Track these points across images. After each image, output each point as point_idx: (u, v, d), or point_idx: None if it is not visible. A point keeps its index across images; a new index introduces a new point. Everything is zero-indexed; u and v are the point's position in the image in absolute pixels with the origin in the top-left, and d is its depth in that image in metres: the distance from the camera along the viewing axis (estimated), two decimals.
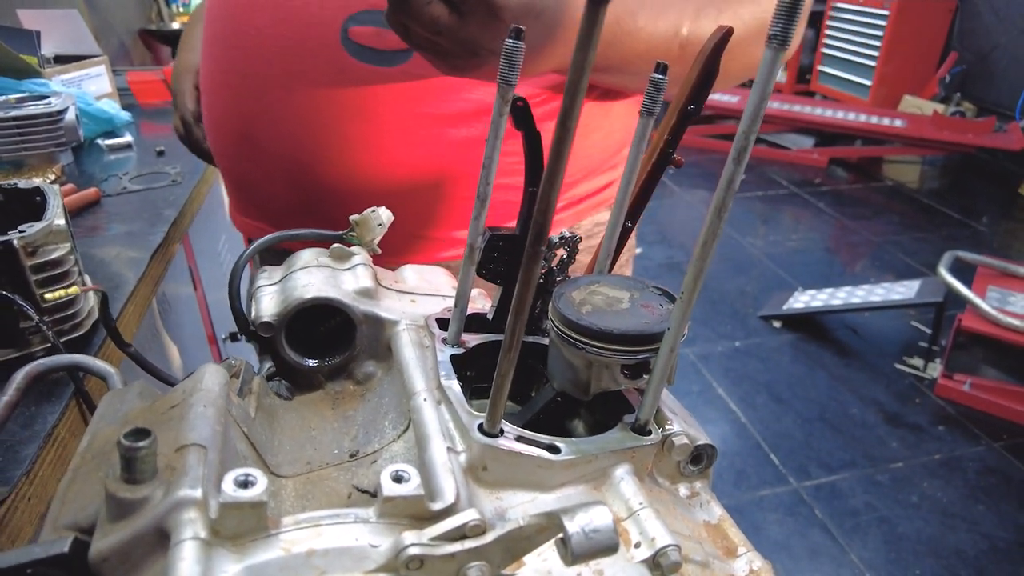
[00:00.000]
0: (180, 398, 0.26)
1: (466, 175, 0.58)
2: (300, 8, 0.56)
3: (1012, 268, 2.20)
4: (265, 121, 0.61)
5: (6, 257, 0.53)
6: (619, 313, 0.29)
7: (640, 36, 0.51)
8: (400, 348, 0.32)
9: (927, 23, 4.27)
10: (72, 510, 0.24)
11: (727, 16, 0.55)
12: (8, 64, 1.09)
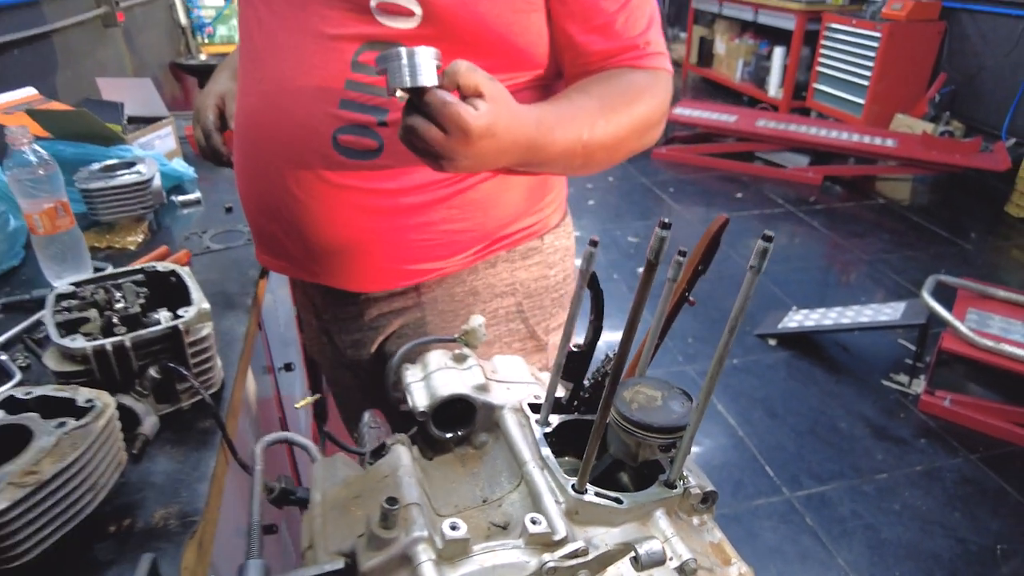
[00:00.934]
0: (389, 471, 0.42)
1: (417, 226, 0.81)
2: (303, 120, 0.78)
3: (990, 291, 2.36)
4: (277, 191, 0.82)
5: (172, 337, 0.69)
6: (656, 409, 0.45)
7: (556, 145, 0.72)
8: (507, 427, 0.48)
9: (917, 45, 4.44)
10: (333, 542, 0.40)
11: (616, 119, 0.77)
12: (98, 133, 1.25)
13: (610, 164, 0.82)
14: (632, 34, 0.79)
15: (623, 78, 0.79)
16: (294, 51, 0.77)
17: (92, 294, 0.75)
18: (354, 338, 0.93)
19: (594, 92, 0.77)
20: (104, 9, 2.05)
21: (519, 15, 0.75)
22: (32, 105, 1.39)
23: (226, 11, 3.09)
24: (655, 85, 0.80)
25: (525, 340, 0.93)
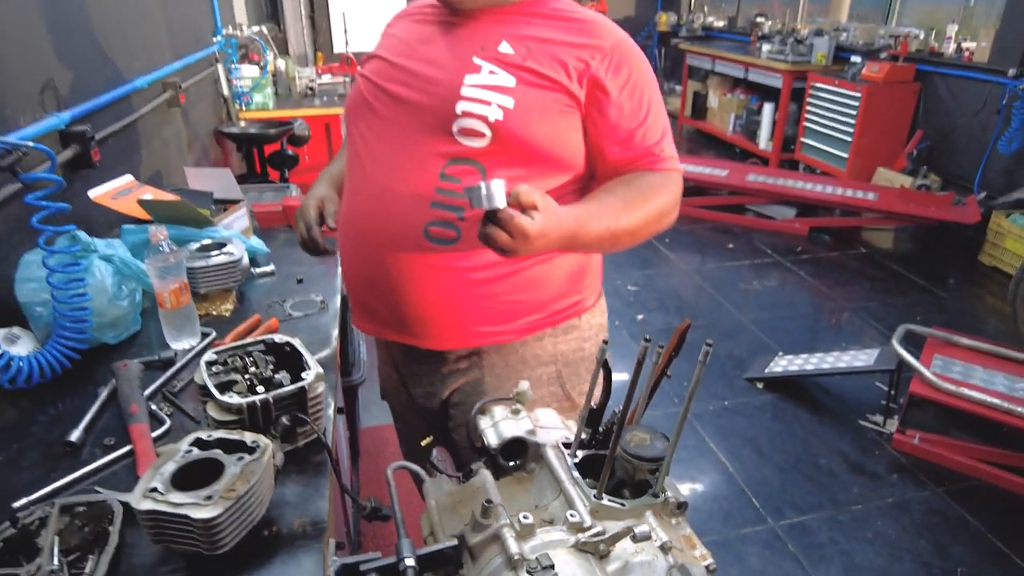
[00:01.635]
0: (480, 484, 0.67)
1: (483, 296, 1.06)
2: (401, 216, 1.04)
3: (955, 339, 2.62)
4: (378, 270, 1.08)
5: (298, 394, 0.94)
6: (647, 446, 0.71)
7: (591, 234, 0.95)
8: (549, 458, 0.73)
9: (895, 104, 4.79)
10: (448, 529, 0.65)
11: (635, 213, 0.99)
12: (192, 218, 1.52)
13: (635, 244, 1.05)
14: (648, 144, 1.03)
15: (641, 180, 1.02)
16: (395, 164, 1.04)
17: (231, 360, 1.01)
18: (426, 390, 1.19)
19: (618, 192, 1.01)
20: (170, 93, 2.36)
21: (562, 135, 1.01)
22: (131, 190, 1.67)
23: (262, 81, 3.42)
24: (667, 184, 1.03)
25: (562, 401, 1.17)
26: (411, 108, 1.02)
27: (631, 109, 1.01)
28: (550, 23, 1.03)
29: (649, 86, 1.04)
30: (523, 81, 0.98)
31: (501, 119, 0.96)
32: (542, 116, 0.99)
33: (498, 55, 0.99)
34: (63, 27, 1.65)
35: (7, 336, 1.18)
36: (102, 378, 1.18)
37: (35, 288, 1.20)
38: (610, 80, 1.00)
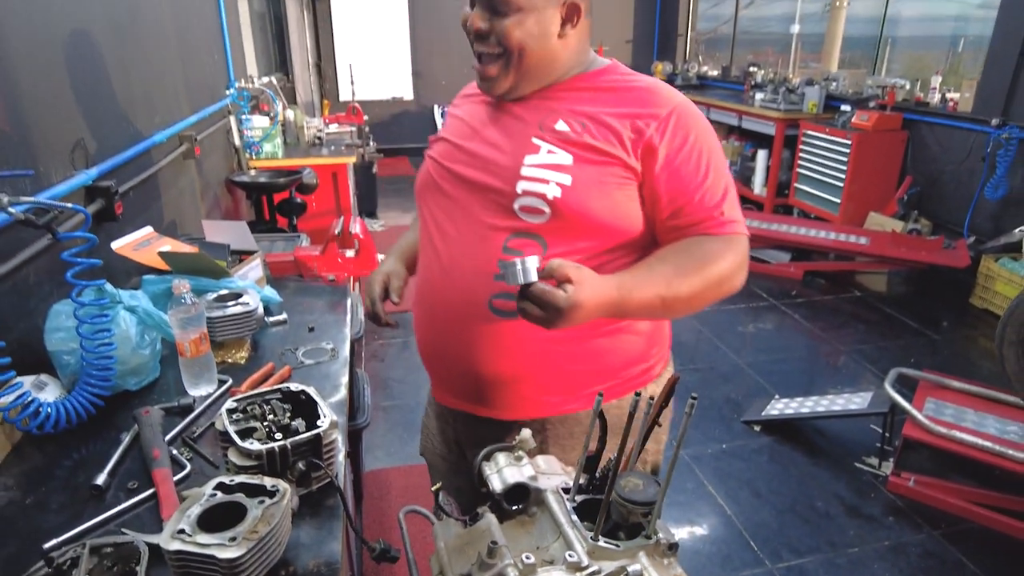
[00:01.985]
0: (486, 527, 0.73)
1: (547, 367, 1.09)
2: (467, 289, 1.09)
3: (946, 382, 2.67)
4: (447, 341, 1.14)
5: (314, 441, 1.01)
6: (639, 491, 0.77)
7: (635, 302, 0.96)
8: (550, 503, 0.79)
9: (884, 151, 4.93)
10: (457, 568, 0.71)
11: (689, 281, 0.98)
12: (210, 269, 1.60)
13: (692, 311, 1.03)
14: (707, 207, 1.01)
15: (699, 246, 1.01)
16: (461, 239, 1.09)
17: (250, 407, 1.08)
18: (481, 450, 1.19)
19: (670, 259, 1.00)
20: (186, 146, 2.47)
21: (620, 206, 1.03)
22: (150, 241, 1.75)
23: (272, 132, 3.55)
24: (727, 249, 1.00)
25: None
26: (475, 188, 1.07)
27: (688, 173, 1.01)
28: (605, 95, 1.05)
29: (708, 149, 1.03)
30: (580, 158, 1.01)
31: (559, 196, 1.00)
32: (599, 191, 1.01)
33: (556, 133, 1.03)
34: (93, 90, 1.76)
35: (35, 383, 1.25)
36: (124, 424, 1.24)
37: (63, 337, 1.27)
38: (665, 146, 1.00)
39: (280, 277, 1.92)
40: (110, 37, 1.89)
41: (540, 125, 1.05)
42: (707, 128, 1.05)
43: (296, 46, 5.87)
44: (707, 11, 8.46)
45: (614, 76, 1.09)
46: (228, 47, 3.37)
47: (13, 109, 1.38)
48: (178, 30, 2.58)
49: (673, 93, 1.06)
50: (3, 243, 1.30)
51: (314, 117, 4.63)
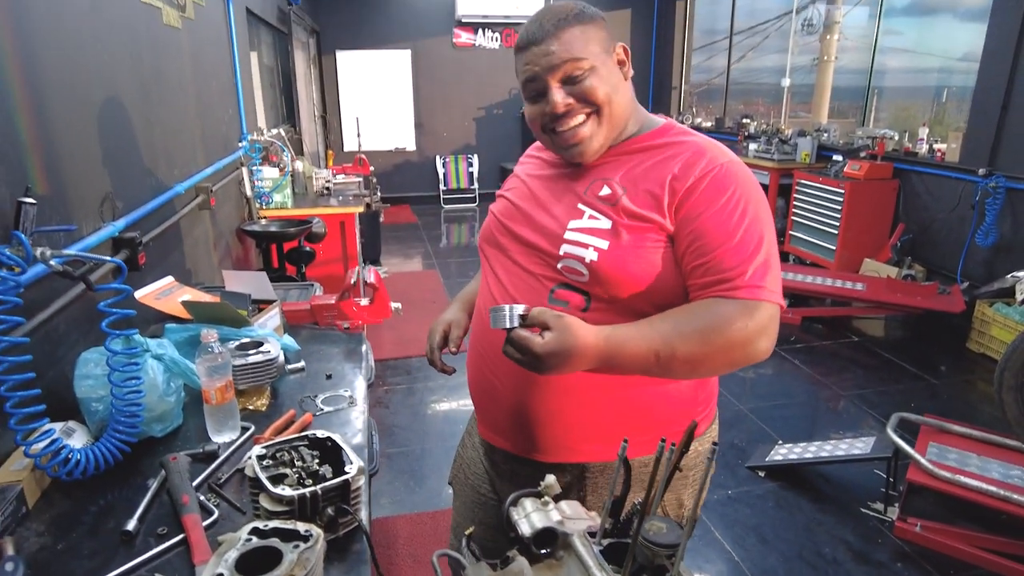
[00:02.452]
0: (518, 570, 0.76)
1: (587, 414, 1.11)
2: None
3: (947, 426, 2.70)
4: (493, 382, 1.18)
5: (343, 487, 1.04)
6: (663, 535, 0.80)
7: (626, 356, 0.95)
8: (577, 547, 0.83)
9: (877, 199, 5.05)
10: None
11: (689, 342, 0.94)
12: (231, 318, 1.65)
13: (700, 375, 1.04)
14: (726, 268, 0.96)
15: (710, 307, 0.97)
16: (512, 288, 1.14)
17: (278, 454, 1.11)
18: (514, 487, 1.14)
19: (673, 317, 0.98)
20: (202, 197, 2.55)
21: (655, 269, 1.03)
22: (171, 290, 1.81)
23: (283, 183, 3.65)
24: (743, 313, 0.95)
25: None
26: (527, 245, 1.14)
27: (715, 228, 0.98)
28: (653, 156, 1.07)
29: (748, 211, 0.99)
30: (618, 224, 1.04)
31: (596, 260, 1.03)
32: (635, 254, 1.02)
33: (598, 198, 1.07)
34: (121, 146, 1.84)
35: (64, 429, 1.28)
36: (150, 470, 1.27)
37: (92, 385, 1.31)
38: (698, 202, 1.00)
39: (296, 325, 1.97)
40: (137, 96, 1.99)
41: (587, 190, 1.09)
42: (752, 191, 1.02)
43: (303, 99, 6.04)
44: (700, 64, 8.75)
45: (667, 136, 1.10)
46: (241, 101, 3.49)
47: (53, 168, 1.45)
48: (197, 86, 2.69)
49: (723, 152, 1.05)
50: (37, 294, 1.35)
51: (319, 167, 4.75)
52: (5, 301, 1.11)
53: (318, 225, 3.34)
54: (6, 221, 1.24)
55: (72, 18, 1.60)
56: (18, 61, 1.35)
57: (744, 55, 7.78)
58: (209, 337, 1.33)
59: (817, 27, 6.74)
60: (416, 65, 8.32)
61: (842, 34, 6.67)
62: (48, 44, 1.47)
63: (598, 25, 1.07)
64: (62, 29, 1.55)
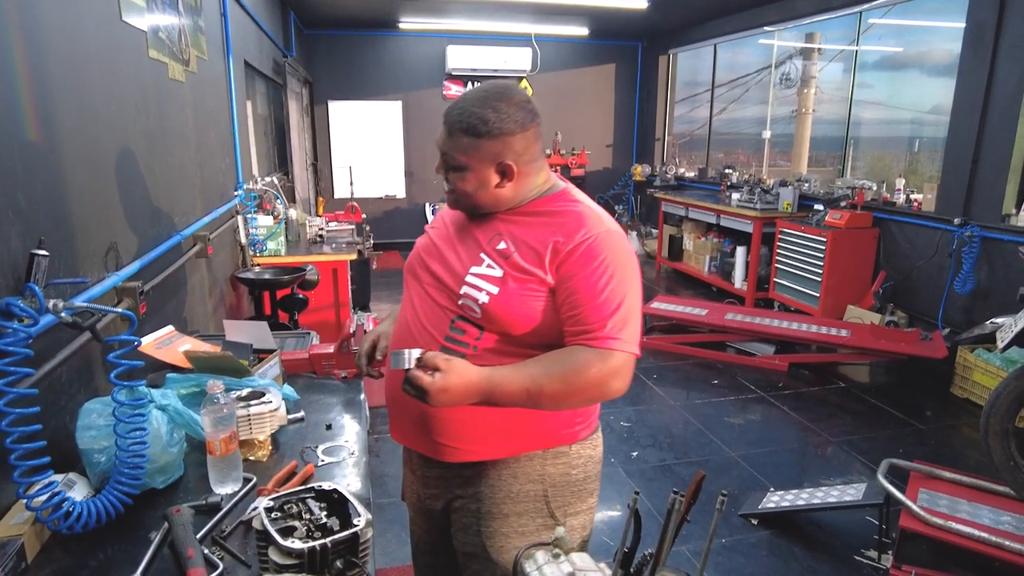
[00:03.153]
0: None
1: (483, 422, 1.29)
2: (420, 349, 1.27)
3: (937, 472, 2.73)
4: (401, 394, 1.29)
5: (352, 540, 1.04)
6: None
7: (504, 393, 1.16)
8: None
9: (858, 247, 5.18)
10: None
11: (552, 382, 1.16)
12: (233, 368, 1.66)
13: (564, 408, 1.26)
14: (591, 322, 1.18)
15: (572, 354, 1.18)
16: (424, 312, 1.34)
17: (286, 506, 1.12)
18: (432, 491, 1.41)
19: (544, 361, 1.20)
20: (200, 246, 2.57)
21: (536, 314, 1.23)
22: (172, 340, 1.82)
23: (277, 231, 3.68)
24: (598, 360, 1.16)
25: (546, 518, 1.35)
26: (436, 279, 1.34)
27: (586, 288, 1.19)
28: (544, 220, 1.27)
29: (614, 275, 1.19)
30: (508, 274, 1.24)
31: (487, 302, 1.23)
32: (519, 300, 1.23)
33: (496, 251, 1.27)
34: (126, 197, 1.87)
35: (65, 482, 1.27)
36: (151, 523, 1.26)
37: (95, 436, 1.31)
38: (574, 265, 1.20)
39: (294, 374, 1.97)
40: (143, 147, 2.03)
41: (488, 242, 1.29)
42: (622, 259, 1.22)
43: (296, 147, 6.14)
44: (683, 115, 9.03)
45: (559, 203, 1.30)
46: (238, 150, 3.55)
47: (64, 219, 1.47)
48: (197, 137, 2.74)
49: (601, 222, 1.25)
50: (43, 345, 1.36)
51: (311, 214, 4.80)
52: (16, 353, 1.12)
53: (311, 272, 3.36)
54: (18, 273, 1.26)
55: (88, 73, 1.65)
56: (38, 117, 1.39)
57: (725, 107, 8.04)
58: (215, 388, 1.34)
59: (795, 81, 7.02)
60: (407, 115, 8.50)
61: (819, 88, 6.95)
62: (66, 100, 1.52)
63: (495, 140, 1.23)
64: (79, 84, 1.60)
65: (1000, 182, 4.28)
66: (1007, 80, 4.20)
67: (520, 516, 1.33)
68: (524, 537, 1.33)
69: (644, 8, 6.68)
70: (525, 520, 1.33)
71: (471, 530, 1.36)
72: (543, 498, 1.34)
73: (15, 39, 1.32)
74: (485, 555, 1.35)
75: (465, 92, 1.29)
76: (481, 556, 1.35)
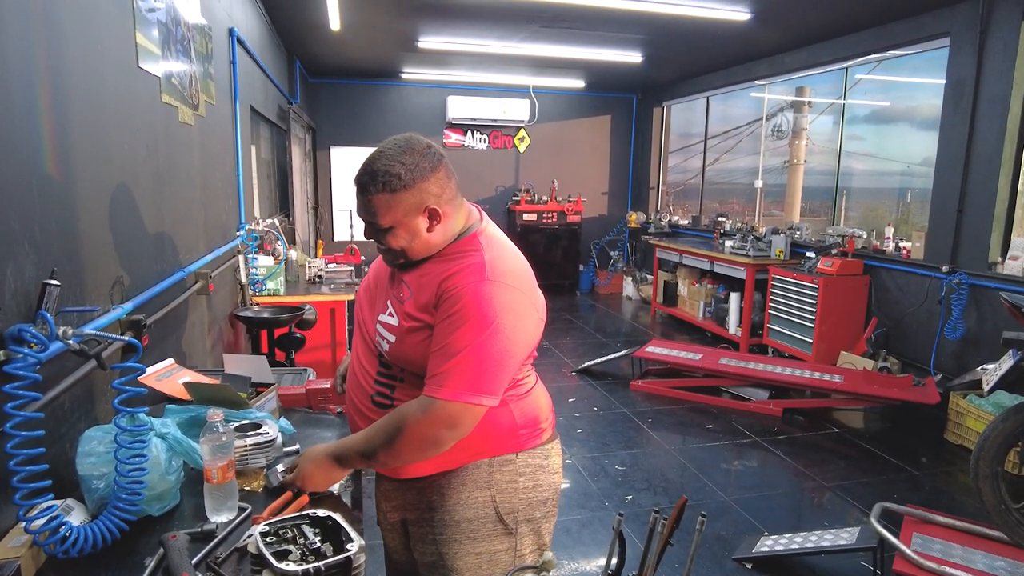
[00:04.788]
0: None
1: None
2: (362, 387, 1.43)
3: (930, 517, 2.74)
4: (356, 417, 1.46)
5: (345, 564, 1.06)
6: None
7: (351, 459, 1.35)
8: None
9: (849, 294, 5.25)
10: None
11: (380, 438, 1.29)
12: (231, 400, 1.69)
13: (401, 463, 1.33)
14: (430, 368, 1.25)
15: (400, 411, 1.28)
16: (362, 355, 1.46)
17: (281, 531, 1.14)
18: (392, 504, 1.48)
19: (380, 421, 1.31)
20: (201, 283, 2.63)
21: (427, 354, 1.27)
22: (172, 372, 1.85)
23: (277, 271, 3.74)
24: (417, 410, 1.24)
25: (495, 523, 1.40)
26: (364, 324, 1.47)
27: (437, 337, 1.25)
28: (443, 263, 1.32)
29: (466, 324, 1.22)
30: (403, 320, 1.33)
31: (388, 349, 1.35)
32: (411, 344, 1.31)
33: (397, 298, 1.36)
34: (133, 233, 1.93)
35: (63, 507, 1.29)
36: (145, 549, 1.27)
37: (94, 462, 1.33)
38: (439, 311, 1.26)
39: (290, 409, 2.00)
40: (152, 186, 2.10)
41: (395, 287, 1.38)
42: (481, 309, 1.22)
43: (298, 191, 6.26)
44: (676, 165, 9.23)
45: (464, 247, 1.34)
46: (241, 192, 3.64)
47: (74, 252, 1.53)
48: (203, 178, 2.83)
49: (481, 273, 1.26)
50: (49, 372, 1.39)
51: (310, 256, 4.87)
52: (26, 377, 1.16)
53: (309, 312, 3.41)
54: (30, 301, 1.31)
55: (105, 115, 1.73)
56: (56, 154, 1.46)
57: (718, 157, 8.24)
58: (215, 416, 1.37)
59: (786, 132, 7.23)
60: None
61: (810, 139, 7.15)
62: (83, 139, 1.59)
63: (412, 191, 1.28)
64: (96, 125, 1.68)
65: (985, 231, 4.39)
66: (987, 134, 4.35)
67: (471, 522, 1.39)
68: (477, 543, 1.38)
69: (639, 62, 6.93)
70: (476, 526, 1.38)
71: (427, 539, 1.42)
72: (491, 504, 1.39)
73: (42, 80, 1.40)
74: (443, 563, 1.40)
75: (368, 157, 1.32)
76: (439, 565, 1.40)
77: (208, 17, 2.96)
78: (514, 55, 6.69)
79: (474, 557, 1.39)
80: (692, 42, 6.05)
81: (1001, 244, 4.38)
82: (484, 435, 1.37)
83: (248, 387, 1.78)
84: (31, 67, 1.36)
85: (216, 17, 3.18)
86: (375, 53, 6.85)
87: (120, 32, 1.87)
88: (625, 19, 5.16)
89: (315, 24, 5.41)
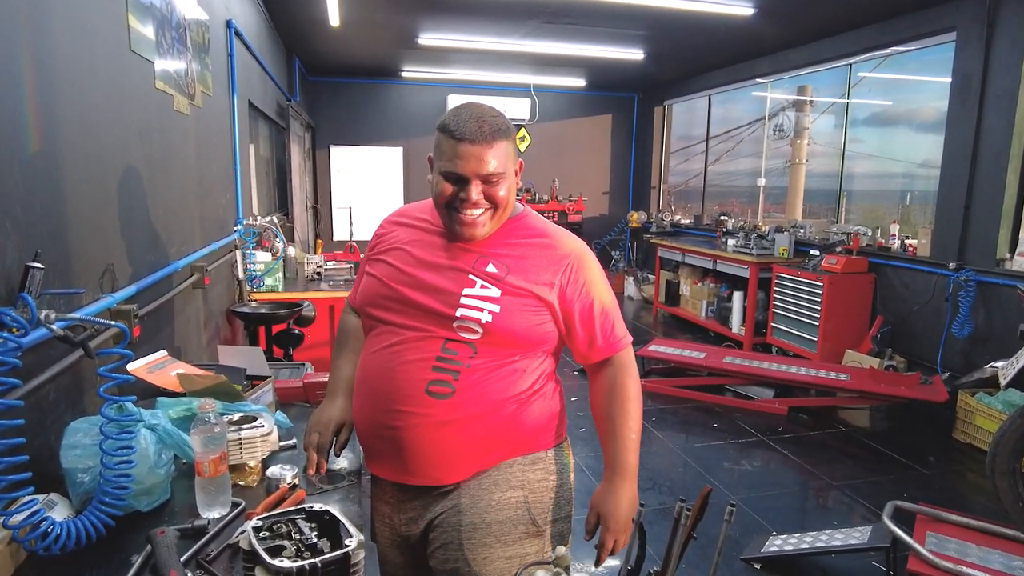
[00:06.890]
0: None
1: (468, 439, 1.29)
2: (405, 378, 1.27)
3: (944, 515, 2.67)
4: (383, 420, 1.29)
5: (343, 560, 1.00)
6: None
7: (634, 462, 1.35)
8: None
9: (854, 292, 5.19)
10: None
11: (626, 416, 1.36)
12: (226, 392, 1.63)
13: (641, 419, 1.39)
14: (603, 337, 1.35)
15: (610, 385, 1.37)
16: (405, 339, 1.29)
17: (275, 526, 1.07)
18: (410, 516, 1.35)
19: (610, 412, 1.37)
20: (196, 276, 2.56)
21: (535, 327, 1.30)
22: (164, 364, 1.79)
23: (275, 267, 3.68)
24: (621, 370, 1.37)
25: (528, 525, 1.32)
26: (420, 307, 1.30)
27: (584, 308, 1.33)
28: (523, 242, 1.34)
29: (602, 284, 1.36)
30: (506, 292, 1.28)
31: (490, 321, 1.26)
32: (520, 316, 1.28)
33: (487, 273, 1.30)
34: (125, 220, 1.87)
35: (45, 502, 1.22)
36: (132, 546, 1.21)
37: (79, 455, 1.27)
38: (570, 287, 1.32)
39: (287, 402, 1.93)
40: (145, 173, 2.04)
41: (474, 264, 1.31)
42: (601, 269, 1.39)
43: (297, 189, 6.20)
44: (677, 166, 9.18)
45: (527, 223, 1.38)
46: (239, 187, 3.58)
47: (60, 236, 1.47)
48: (199, 169, 2.76)
49: (569, 240, 1.37)
50: (33, 360, 1.33)
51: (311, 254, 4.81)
52: (5, 362, 1.09)
53: (308, 308, 3.34)
54: (12, 284, 1.24)
55: (94, 95, 1.67)
56: (41, 132, 1.40)
57: (719, 158, 8.19)
58: (207, 407, 1.31)
59: (788, 132, 7.17)
60: (408, 161, 8.63)
61: (811, 139, 7.09)
62: (70, 117, 1.53)
63: (513, 139, 1.31)
64: (84, 104, 1.61)
65: (993, 227, 4.33)
66: (994, 129, 4.29)
67: (503, 524, 1.30)
68: (507, 546, 1.29)
69: (640, 60, 6.87)
70: (508, 528, 1.29)
71: (452, 544, 1.29)
72: (524, 504, 1.32)
73: (25, 54, 1.34)
74: (468, 569, 1.28)
75: (468, 112, 1.26)
76: (463, 571, 1.29)
77: (205, 7, 2.90)
78: (515, 52, 6.64)
79: (504, 562, 1.28)
80: (694, 38, 6.00)
81: (1010, 240, 4.32)
82: (519, 429, 1.33)
83: (243, 379, 1.72)
84: (13, 41, 1.30)
85: (214, 8, 3.12)
86: (375, 50, 6.79)
87: (111, 13, 1.81)
88: (628, 14, 5.10)
89: (314, 20, 5.36)
